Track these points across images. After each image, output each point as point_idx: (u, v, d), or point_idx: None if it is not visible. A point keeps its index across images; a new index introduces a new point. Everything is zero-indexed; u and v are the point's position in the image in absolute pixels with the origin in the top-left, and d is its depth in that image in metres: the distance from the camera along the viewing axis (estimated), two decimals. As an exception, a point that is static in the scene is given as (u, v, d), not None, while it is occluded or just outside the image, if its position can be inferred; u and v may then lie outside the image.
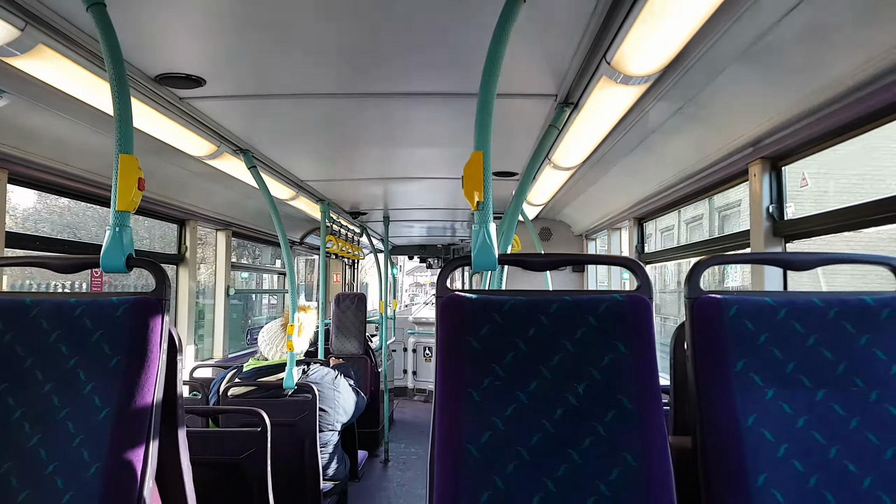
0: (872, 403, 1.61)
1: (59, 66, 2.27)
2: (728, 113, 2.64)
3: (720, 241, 3.57)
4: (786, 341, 1.65)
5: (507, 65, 1.82)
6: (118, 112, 1.81)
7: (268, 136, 3.63)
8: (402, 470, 6.78)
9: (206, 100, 2.92)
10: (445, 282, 1.79)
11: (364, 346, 7.11)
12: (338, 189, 5.54)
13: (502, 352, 1.65)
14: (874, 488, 1.55)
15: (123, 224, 1.81)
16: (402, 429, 8.56)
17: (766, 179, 2.75)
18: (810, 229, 2.61)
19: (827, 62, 2.00)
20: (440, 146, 3.95)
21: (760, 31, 1.97)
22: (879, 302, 1.67)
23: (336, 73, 2.67)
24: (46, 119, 2.81)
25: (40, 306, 1.77)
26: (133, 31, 2.18)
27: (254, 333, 6.80)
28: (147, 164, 2.28)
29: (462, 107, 3.03)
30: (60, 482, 1.60)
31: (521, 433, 1.60)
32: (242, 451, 2.99)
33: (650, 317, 1.68)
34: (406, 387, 10.95)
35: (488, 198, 1.77)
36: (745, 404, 1.61)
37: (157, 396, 1.69)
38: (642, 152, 3.51)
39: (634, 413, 1.60)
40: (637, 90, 2.45)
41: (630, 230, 5.00)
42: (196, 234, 5.05)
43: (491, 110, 1.77)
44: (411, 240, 10.76)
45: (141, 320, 1.70)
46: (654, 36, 1.97)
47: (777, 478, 1.56)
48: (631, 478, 1.55)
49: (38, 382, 1.70)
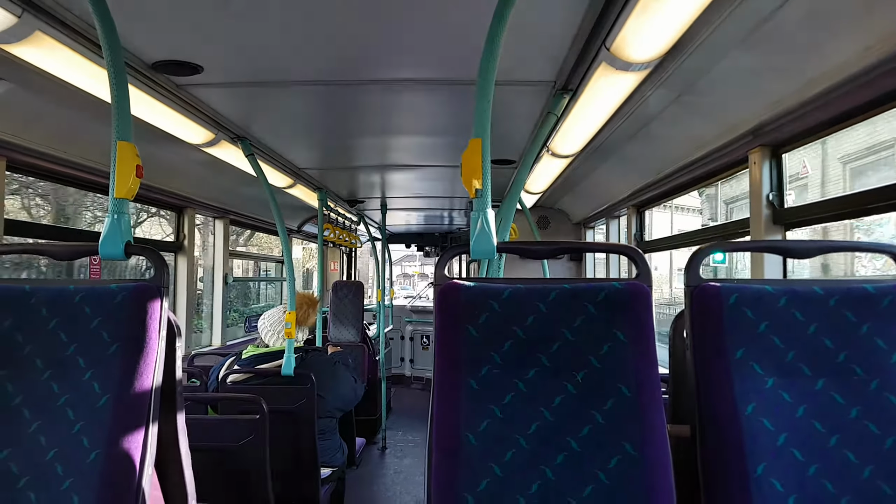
0: (873, 392, 1.61)
1: (57, 53, 2.25)
2: (728, 100, 2.63)
3: (720, 228, 3.56)
4: (786, 329, 1.65)
5: (506, 51, 1.80)
6: (115, 99, 1.80)
7: (265, 123, 3.62)
8: (400, 457, 6.81)
9: (203, 87, 2.91)
10: (444, 269, 1.79)
11: (362, 334, 7.12)
12: (335, 177, 5.53)
13: (501, 340, 1.65)
14: (874, 477, 1.55)
15: (122, 211, 1.81)
16: (400, 416, 8.58)
17: (766, 167, 2.74)
18: (810, 217, 2.61)
19: (828, 49, 1.99)
20: (438, 134, 3.94)
21: (761, 17, 1.96)
22: (880, 290, 1.66)
23: (334, 61, 2.65)
24: (45, 106, 2.80)
25: (39, 293, 1.76)
26: (130, 17, 2.16)
27: (252, 321, 6.81)
28: (145, 152, 2.26)
29: (460, 94, 3.02)
30: (60, 468, 1.60)
31: (519, 421, 1.60)
32: (241, 438, 3.00)
33: (649, 305, 1.68)
34: (404, 375, 10.96)
35: (487, 185, 1.76)
36: (745, 393, 1.61)
37: (157, 383, 1.69)
38: (641, 140, 3.50)
39: (633, 401, 1.60)
40: (636, 77, 2.43)
41: (629, 218, 4.99)
42: (194, 222, 5.04)
43: (490, 97, 1.76)
44: (409, 228, 10.75)
45: (140, 307, 1.70)
46: (654, 21, 1.95)
47: (776, 466, 1.56)
48: (629, 466, 1.55)
49: (38, 369, 1.70)
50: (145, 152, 3.55)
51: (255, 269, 11.65)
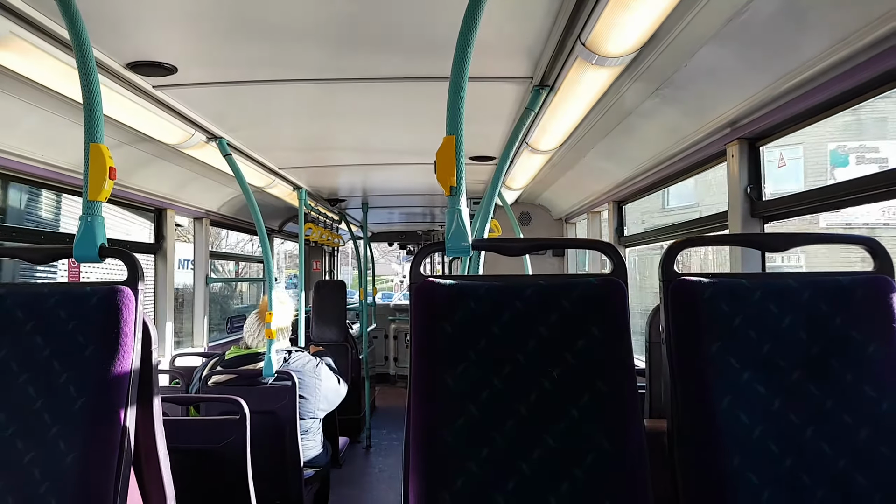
0: (847, 384, 1.62)
1: (31, 55, 2.23)
2: (705, 93, 2.63)
3: (699, 222, 3.58)
4: (761, 323, 1.66)
5: (482, 47, 1.80)
6: (87, 101, 1.80)
7: (242, 123, 3.59)
8: (384, 456, 6.80)
9: (178, 87, 2.88)
10: (419, 268, 1.78)
11: (344, 334, 7.10)
12: (315, 176, 5.51)
13: (477, 337, 1.65)
14: (848, 469, 1.56)
15: (95, 213, 1.82)
16: (384, 415, 8.56)
17: (743, 160, 2.75)
18: (788, 209, 2.62)
19: (802, 42, 2.00)
20: (418, 131, 3.93)
21: (735, 11, 1.97)
22: (853, 282, 1.68)
23: (310, 59, 2.63)
24: (19, 109, 2.76)
25: (14, 297, 1.76)
26: (104, 19, 2.15)
27: (235, 322, 6.78)
28: (122, 153, 2.23)
29: (439, 91, 3.00)
30: (37, 472, 1.60)
31: (495, 418, 1.60)
32: (222, 438, 2.98)
33: (625, 300, 1.68)
34: (388, 373, 10.95)
35: (461, 183, 1.76)
36: (721, 386, 1.62)
37: (133, 385, 1.69)
38: (620, 135, 3.51)
39: (609, 396, 1.60)
40: (613, 71, 2.43)
41: (610, 213, 5.00)
42: (173, 224, 5.00)
43: (463, 94, 1.75)
44: (391, 226, 10.73)
45: (114, 309, 1.70)
46: (628, 16, 1.95)
47: (752, 460, 1.56)
48: (606, 461, 1.55)
49: (13, 373, 1.69)
50: (122, 154, 3.53)
51: (236, 269, 11.59)
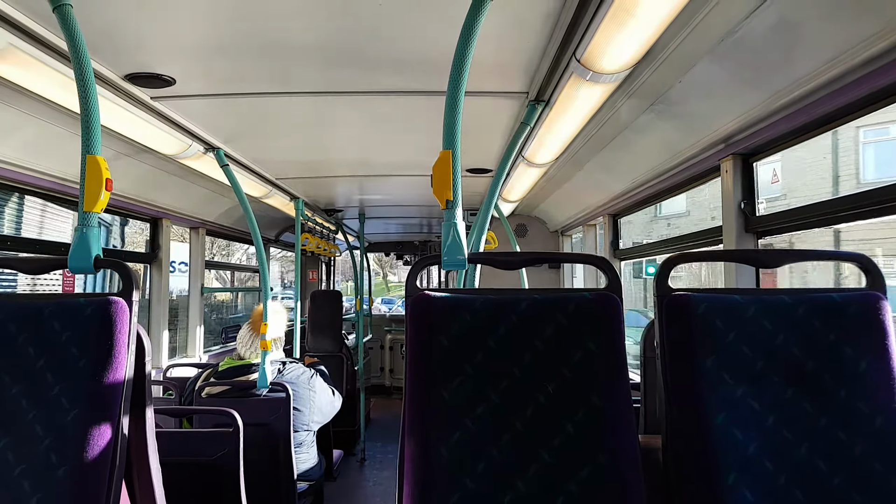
0: (841, 400, 1.62)
1: (29, 66, 2.24)
2: (699, 110, 2.65)
3: (693, 237, 3.59)
4: (755, 339, 1.66)
5: (479, 63, 1.81)
6: (84, 113, 1.81)
7: (239, 134, 3.60)
8: (379, 469, 6.72)
9: (176, 99, 2.89)
10: (416, 281, 1.78)
11: (340, 344, 7.08)
12: (312, 186, 5.51)
13: (472, 351, 1.65)
14: (843, 486, 1.56)
15: (90, 224, 1.82)
16: (380, 428, 8.49)
17: (737, 175, 2.76)
18: (782, 225, 2.63)
19: (796, 59, 2.01)
20: (414, 143, 3.94)
21: (730, 27, 1.98)
22: (847, 298, 1.68)
23: (308, 72, 2.65)
24: (18, 119, 2.77)
25: (7, 308, 1.75)
26: (103, 31, 2.16)
27: (229, 332, 6.75)
28: (119, 164, 2.22)
29: (436, 104, 3.02)
30: (28, 485, 1.59)
31: (491, 433, 1.59)
32: (215, 451, 2.97)
33: (620, 314, 1.69)
34: (383, 385, 10.89)
35: (457, 196, 1.76)
36: (715, 402, 1.62)
37: (126, 397, 1.68)
38: (615, 149, 3.52)
39: (605, 411, 1.60)
40: (607, 87, 2.45)
41: (605, 227, 5.02)
42: (169, 234, 4.99)
43: (459, 109, 1.75)
44: (387, 237, 10.72)
45: (108, 321, 1.69)
46: (623, 32, 1.96)
47: (747, 476, 1.56)
48: (601, 477, 1.55)
49: (6, 385, 1.68)
50: (119, 164, 3.53)
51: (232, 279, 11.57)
